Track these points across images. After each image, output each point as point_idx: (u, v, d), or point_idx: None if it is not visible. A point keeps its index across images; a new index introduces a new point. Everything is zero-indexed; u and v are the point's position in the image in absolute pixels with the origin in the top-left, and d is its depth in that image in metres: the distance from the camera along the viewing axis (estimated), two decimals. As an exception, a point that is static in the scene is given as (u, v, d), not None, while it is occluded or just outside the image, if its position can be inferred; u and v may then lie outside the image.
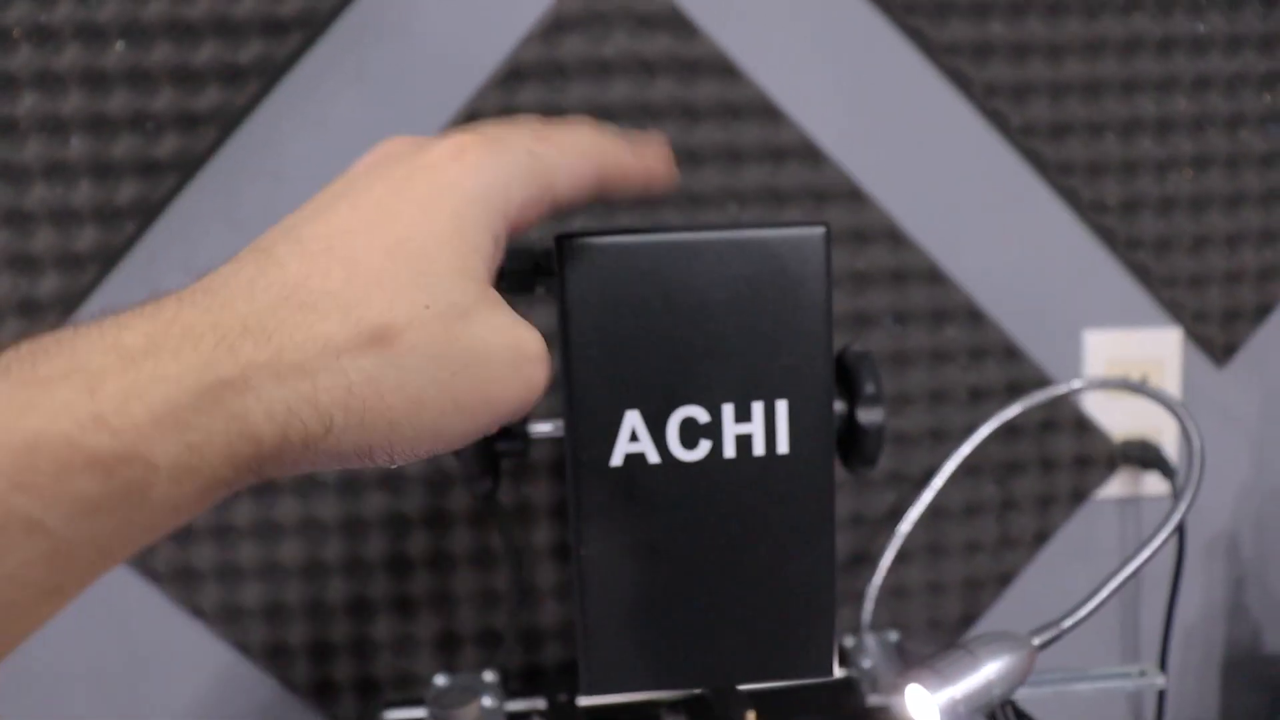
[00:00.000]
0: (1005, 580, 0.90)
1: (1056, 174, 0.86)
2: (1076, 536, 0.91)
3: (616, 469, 0.47)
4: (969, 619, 0.89)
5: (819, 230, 0.47)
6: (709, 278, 0.47)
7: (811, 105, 0.83)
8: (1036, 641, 0.63)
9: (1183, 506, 0.68)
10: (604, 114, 0.79)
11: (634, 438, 0.47)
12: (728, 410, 0.48)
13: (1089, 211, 0.86)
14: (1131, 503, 0.92)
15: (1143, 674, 0.69)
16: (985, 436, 0.85)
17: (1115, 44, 0.85)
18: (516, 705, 0.69)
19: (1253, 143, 0.87)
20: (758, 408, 0.48)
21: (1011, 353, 0.87)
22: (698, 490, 0.48)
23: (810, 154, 0.83)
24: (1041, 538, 0.90)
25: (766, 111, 0.82)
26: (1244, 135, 0.87)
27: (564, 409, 0.47)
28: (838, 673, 0.74)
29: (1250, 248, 0.89)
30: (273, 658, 0.82)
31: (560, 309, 0.47)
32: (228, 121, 0.77)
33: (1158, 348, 0.90)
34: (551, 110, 0.79)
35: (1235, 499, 0.93)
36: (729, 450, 0.48)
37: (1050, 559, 0.90)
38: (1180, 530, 0.87)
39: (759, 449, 0.48)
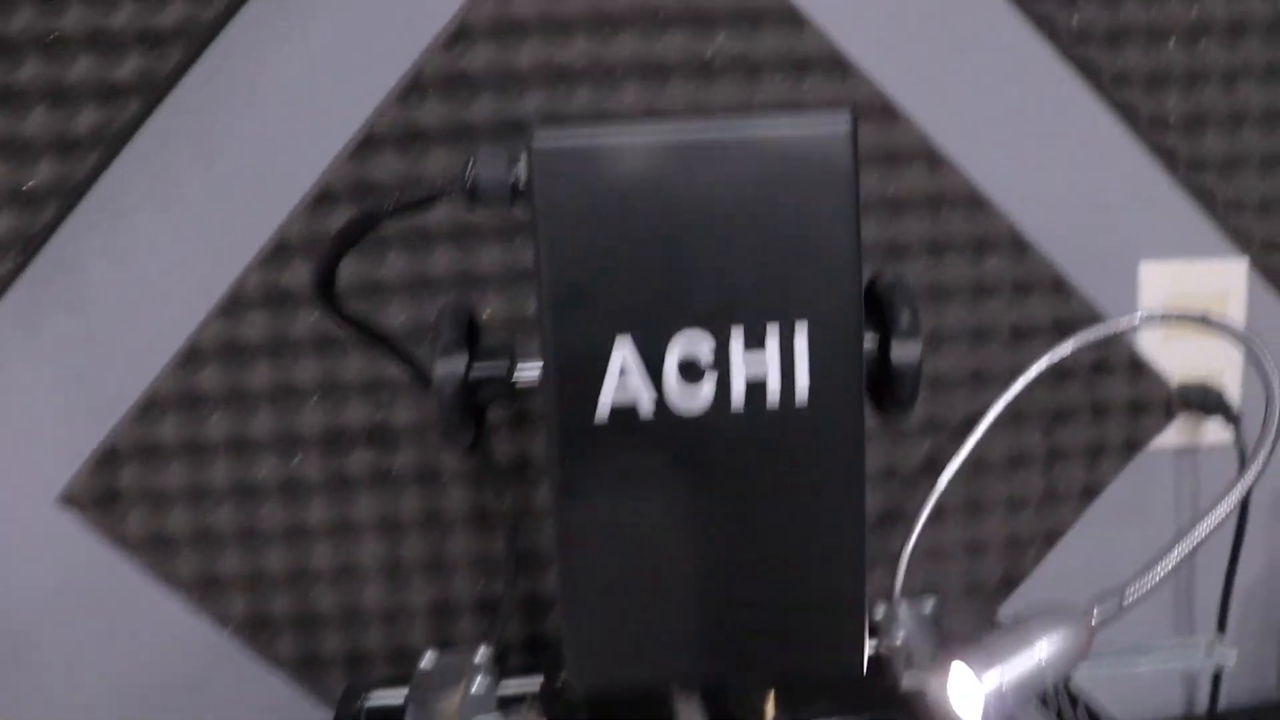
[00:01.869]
0: (1051, 540, 0.79)
1: (1112, 86, 0.74)
2: (1129, 490, 0.80)
3: (602, 427, 0.38)
4: (1011, 583, 0.79)
5: (844, 122, 0.37)
6: (711, 183, 0.37)
7: (836, 8, 0.72)
8: (1095, 618, 0.53)
9: (1261, 458, 0.58)
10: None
11: (624, 375, 0.38)
12: (737, 336, 0.38)
13: (1147, 128, 0.75)
14: (1189, 453, 0.81)
15: (1210, 650, 0.59)
16: (1031, 380, 0.74)
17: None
18: (511, 687, 0.60)
19: (1330, 49, 0.75)
20: (773, 332, 0.38)
21: (1060, 287, 0.76)
22: (700, 452, 0.38)
23: (836, 64, 0.72)
24: (1091, 492, 0.79)
25: (787, 16, 0.71)
26: (1321, 40, 0.75)
27: (542, 347, 0.38)
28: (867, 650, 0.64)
29: (1326, 167, 0.77)
30: (254, 630, 0.73)
31: (532, 224, 0.37)
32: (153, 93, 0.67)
33: (1221, 280, 0.78)
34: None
35: (1303, 445, 0.82)
36: (737, 400, 0.38)
37: (1100, 516, 0.80)
38: (1245, 481, 0.77)
39: (773, 399, 0.38)
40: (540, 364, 0.53)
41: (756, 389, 0.38)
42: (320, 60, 0.69)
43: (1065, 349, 0.69)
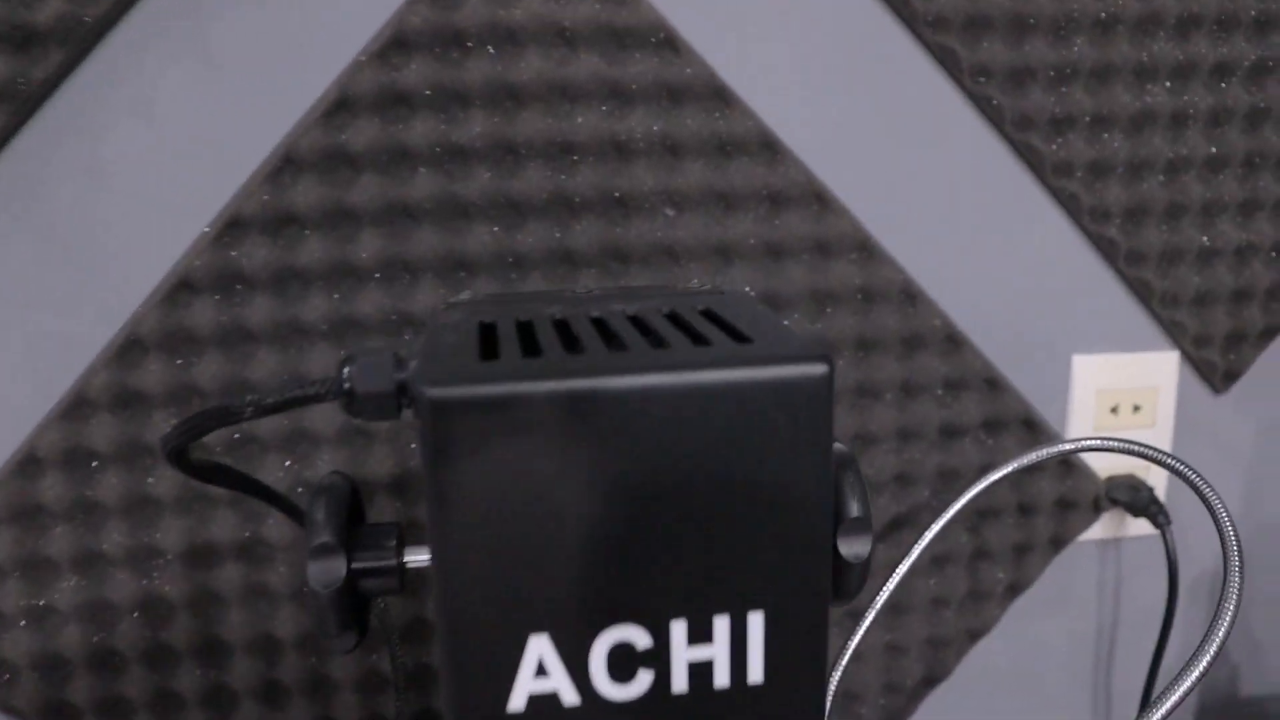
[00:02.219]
0: (974, 637, 0.76)
1: (1054, 174, 0.70)
2: (1053, 585, 0.77)
3: (516, 716, 0.31)
4: (931, 681, 0.76)
5: (819, 368, 0.31)
6: (652, 444, 0.30)
7: (765, 87, 0.65)
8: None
9: (1219, 638, 0.54)
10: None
11: (542, 672, 0.31)
12: (678, 630, 0.31)
13: (1089, 218, 0.71)
14: (1112, 544, 0.78)
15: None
16: (956, 475, 0.70)
17: (1129, 22, 0.68)
18: None
19: (1274, 141, 0.72)
20: (721, 624, 0.31)
21: (993, 382, 0.71)
22: (637, 740, 0.32)
23: (765, 145, 0.65)
24: (1015, 590, 0.76)
25: (713, 93, 0.64)
26: (1267, 132, 0.72)
27: (439, 637, 0.31)
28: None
29: (1261, 262, 0.74)
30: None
31: (430, 491, 0.30)
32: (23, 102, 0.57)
33: (1153, 373, 0.75)
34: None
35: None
36: (679, 683, 0.32)
37: (1023, 609, 0.77)
38: (1173, 572, 0.74)
39: (721, 679, 0.32)
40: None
41: (702, 671, 0.31)
42: (229, 72, 0.60)
43: (1031, 458, 0.64)
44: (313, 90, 0.60)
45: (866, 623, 0.63)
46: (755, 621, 0.31)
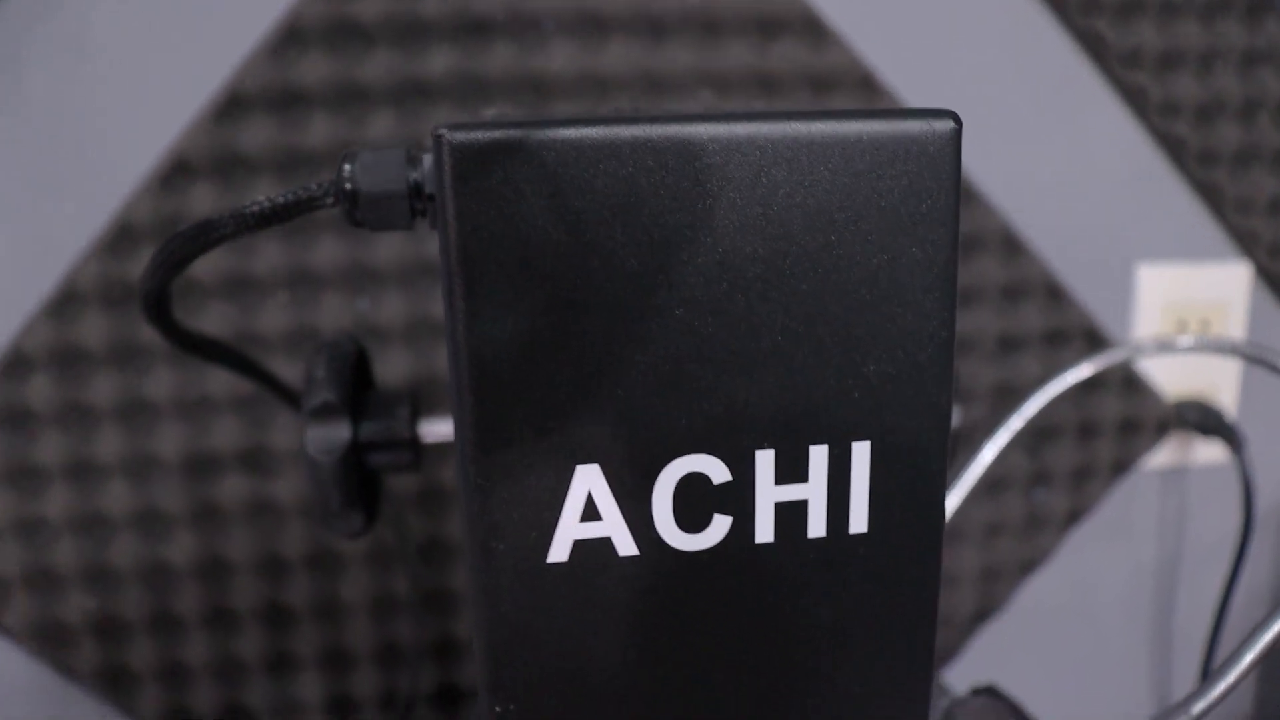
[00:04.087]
0: (1028, 568, 0.69)
1: (1120, 66, 0.62)
2: (1114, 513, 0.70)
3: (558, 567, 0.24)
4: (983, 614, 0.68)
5: (946, 124, 0.24)
6: (734, 213, 0.23)
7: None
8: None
9: None
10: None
11: (592, 513, 0.24)
12: (764, 462, 0.24)
13: (1157, 115, 0.63)
14: (1177, 473, 0.71)
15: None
16: (1013, 390, 0.63)
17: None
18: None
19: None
20: (818, 455, 0.24)
21: (1054, 293, 0.64)
22: (707, 600, 0.25)
23: (811, 28, 0.58)
24: (1074, 517, 0.68)
25: (758, -28, 0.57)
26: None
27: (459, 465, 0.24)
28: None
29: (1343, 164, 0.67)
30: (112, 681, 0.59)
31: (446, 267, 0.23)
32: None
33: (1222, 286, 0.68)
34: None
35: (1294, 463, 0.73)
36: (763, 531, 0.25)
37: (1081, 539, 0.69)
38: (1248, 501, 0.66)
39: (816, 527, 0.25)
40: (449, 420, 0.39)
41: (793, 514, 0.24)
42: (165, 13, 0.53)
43: (1085, 371, 0.57)
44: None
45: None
46: (860, 453, 0.24)
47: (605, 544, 0.24)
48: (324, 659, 0.59)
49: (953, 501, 0.58)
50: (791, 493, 0.24)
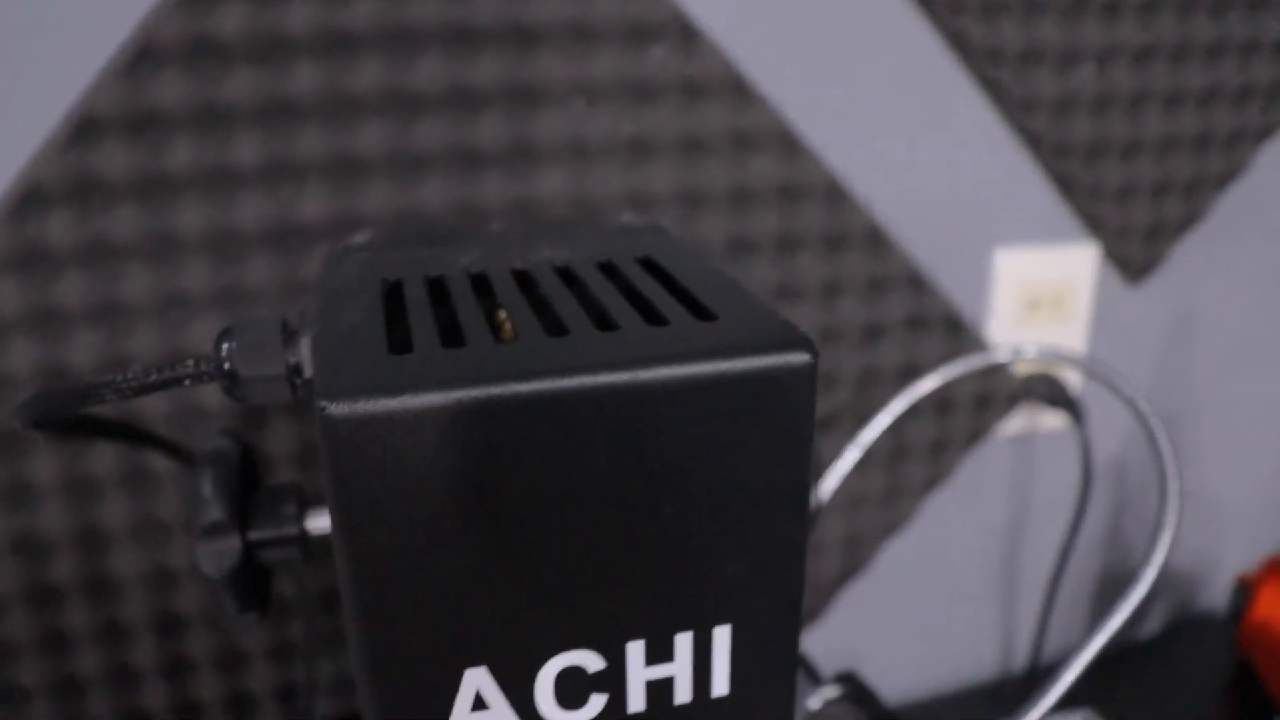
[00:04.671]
0: (888, 531, 0.75)
1: (983, 62, 0.65)
2: (967, 477, 0.76)
3: (452, 750, 0.27)
4: (845, 575, 0.75)
5: (801, 357, 0.26)
6: (603, 449, 0.25)
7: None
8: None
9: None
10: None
11: (480, 705, 0.27)
12: (635, 651, 0.27)
13: (1018, 109, 0.67)
14: (1026, 439, 0.77)
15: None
16: (877, 375, 0.68)
17: (1069, -106, 0.63)
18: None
19: (1201, 31, 0.68)
20: (684, 641, 0.28)
21: (915, 282, 0.68)
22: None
23: (681, 31, 0.59)
24: (931, 483, 0.74)
25: (627, -25, 0.57)
26: (1196, 22, 0.68)
27: (358, 673, 0.26)
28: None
29: (1184, 153, 0.71)
30: None
31: (337, 518, 0.24)
32: None
33: (1071, 266, 0.73)
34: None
35: (1129, 425, 0.80)
36: (636, 702, 0.28)
37: (937, 503, 0.76)
38: (1087, 465, 0.73)
39: (683, 694, 0.28)
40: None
41: (661, 689, 0.28)
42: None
43: (953, 371, 0.62)
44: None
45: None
46: (721, 636, 0.27)
47: (492, 726, 0.27)
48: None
49: (829, 484, 0.63)
50: (660, 671, 0.27)
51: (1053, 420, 0.76)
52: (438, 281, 0.31)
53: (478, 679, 0.26)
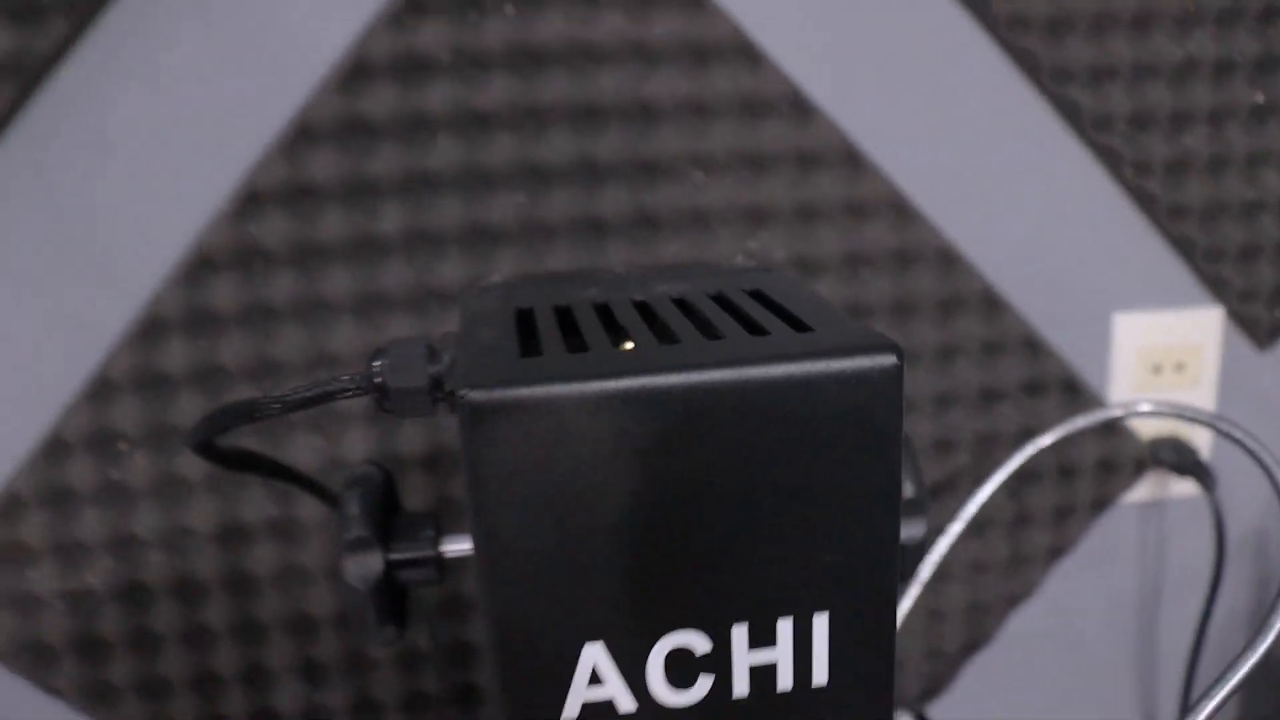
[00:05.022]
0: (1014, 601, 0.74)
1: (1093, 128, 0.67)
2: (1094, 545, 0.75)
3: (570, 725, 0.29)
4: (971, 647, 0.74)
5: (888, 359, 0.29)
6: (711, 441, 0.28)
7: (795, 44, 0.62)
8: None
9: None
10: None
11: (596, 680, 0.29)
12: (739, 634, 0.30)
13: (1130, 173, 0.68)
14: (1155, 506, 0.76)
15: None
16: (998, 437, 0.68)
17: (1174, -35, 0.65)
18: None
19: (1323, 85, 0.69)
20: (785, 627, 0.30)
21: (1032, 344, 0.69)
22: (696, 747, 0.30)
23: (795, 105, 0.63)
24: (1056, 552, 0.74)
25: (741, 51, 0.61)
26: (1315, 77, 0.69)
27: (486, 644, 0.29)
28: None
29: (1309, 212, 0.71)
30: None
31: (472, 499, 0.28)
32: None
33: (1196, 330, 0.73)
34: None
35: (1265, 492, 0.78)
36: (740, 687, 0.30)
37: (1064, 572, 0.75)
38: (1220, 531, 0.72)
39: (784, 682, 0.30)
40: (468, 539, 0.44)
41: (764, 675, 0.30)
42: (188, 101, 0.57)
43: (1071, 427, 0.62)
44: (329, 55, 0.58)
45: (914, 592, 0.61)
46: (820, 623, 0.30)
47: (608, 704, 0.29)
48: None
49: (941, 546, 0.63)
50: (763, 656, 0.30)
51: (1182, 487, 0.75)
52: (565, 309, 0.35)
53: (595, 654, 0.29)
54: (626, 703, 0.29)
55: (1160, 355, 0.72)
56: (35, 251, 0.58)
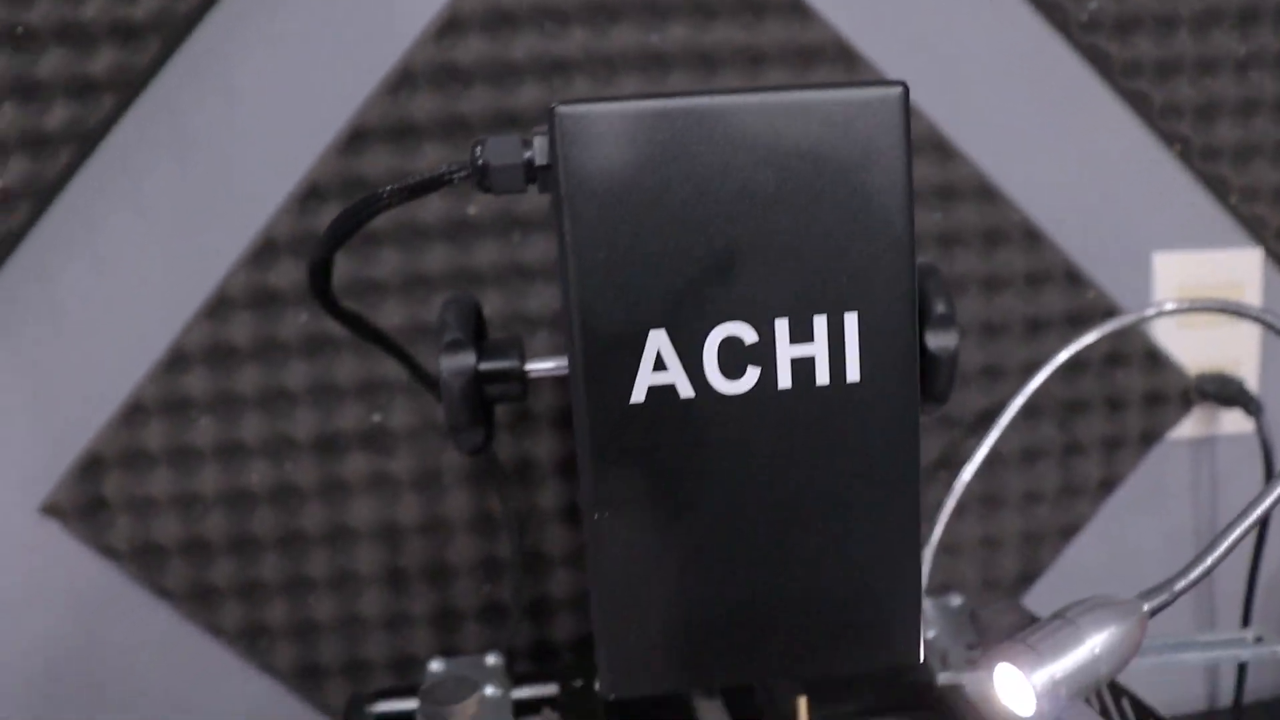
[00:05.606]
0: (1068, 534, 0.78)
1: (1122, 75, 0.73)
2: (1146, 482, 0.79)
3: (638, 407, 0.36)
4: (1029, 577, 0.78)
5: (894, 90, 0.35)
6: (752, 155, 0.35)
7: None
8: (1147, 607, 0.52)
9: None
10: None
11: (660, 365, 0.35)
12: (781, 327, 0.36)
13: (1160, 117, 0.74)
14: (1206, 443, 0.79)
15: (1259, 640, 0.57)
16: (1049, 373, 0.73)
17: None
18: (524, 692, 0.58)
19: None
20: (820, 323, 0.36)
21: (1074, 278, 0.74)
22: (744, 432, 0.36)
23: (842, 54, 0.70)
24: (1108, 485, 0.78)
25: (792, 7, 0.69)
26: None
27: (568, 332, 0.35)
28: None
29: (1340, 153, 0.76)
30: (250, 640, 0.71)
31: (556, 202, 0.35)
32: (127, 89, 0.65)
33: (1235, 270, 0.77)
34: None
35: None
36: (784, 379, 0.36)
37: (1117, 508, 0.78)
38: (1269, 463, 0.75)
39: (822, 377, 0.36)
40: (550, 360, 0.50)
41: (804, 367, 0.36)
42: (303, 52, 0.66)
43: (1088, 339, 0.67)
44: (427, 7, 0.66)
45: (967, 474, 0.66)
46: (850, 322, 0.35)
47: (670, 389, 0.35)
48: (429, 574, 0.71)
49: (993, 435, 0.67)
50: (803, 350, 0.36)
51: (1233, 423, 0.78)
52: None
53: (659, 340, 0.35)
54: (686, 388, 0.35)
55: (1201, 293, 0.77)
56: (166, 188, 0.67)
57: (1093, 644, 0.47)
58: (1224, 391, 0.76)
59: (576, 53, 0.68)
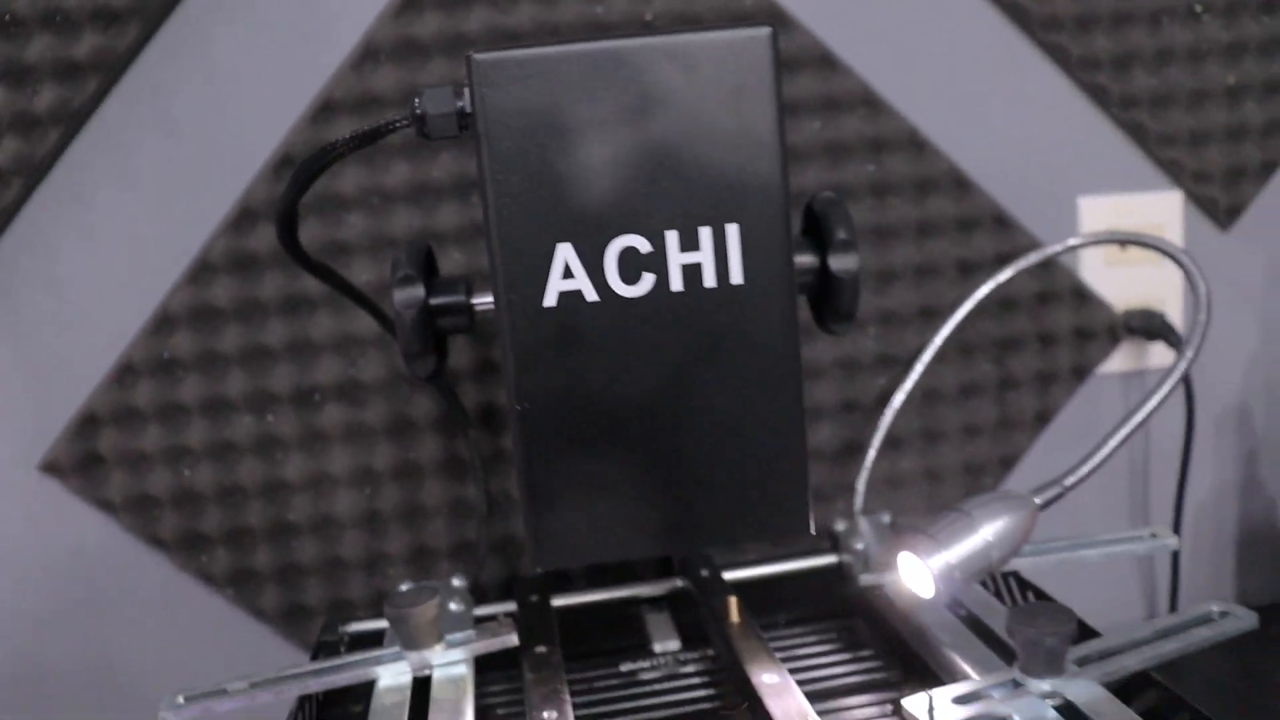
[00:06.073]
0: (1007, 464, 0.84)
1: (1042, 29, 0.79)
2: (1080, 414, 0.84)
3: (550, 309, 0.42)
4: (970, 508, 0.83)
5: (763, 31, 0.41)
6: (642, 90, 0.41)
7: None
8: (1038, 500, 0.58)
9: (1189, 355, 0.62)
10: None
11: (568, 274, 0.41)
12: (672, 238, 0.42)
13: (1079, 69, 0.79)
14: (1136, 376, 0.85)
15: (1154, 536, 0.63)
16: (976, 309, 0.78)
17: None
18: (485, 610, 0.63)
19: (1251, -15, 0.80)
20: (705, 234, 0.42)
21: (1002, 222, 0.80)
22: (644, 329, 0.42)
23: (773, 16, 0.76)
24: (1043, 418, 0.83)
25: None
26: (1241, -24, 0.80)
27: (489, 248, 0.41)
28: (828, 559, 0.68)
29: (1253, 100, 0.82)
30: (239, 585, 0.77)
31: (476, 136, 0.40)
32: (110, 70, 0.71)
33: (1157, 212, 0.83)
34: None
35: (1244, 370, 0.87)
36: (676, 283, 0.42)
37: (1053, 439, 0.84)
38: (1189, 396, 0.81)
39: (709, 279, 0.42)
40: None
41: (693, 272, 0.42)
42: (276, 31, 0.72)
43: (1005, 274, 0.73)
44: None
45: (894, 408, 0.72)
46: (732, 232, 0.41)
47: (578, 294, 0.41)
48: (404, 515, 0.77)
49: (925, 358, 0.72)
50: (691, 258, 0.41)
51: (1161, 358, 0.84)
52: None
53: (565, 252, 0.41)
54: (591, 293, 0.41)
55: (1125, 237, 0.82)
56: (149, 163, 0.73)
57: (985, 532, 0.54)
58: (1149, 326, 0.82)
59: (527, 24, 0.73)
